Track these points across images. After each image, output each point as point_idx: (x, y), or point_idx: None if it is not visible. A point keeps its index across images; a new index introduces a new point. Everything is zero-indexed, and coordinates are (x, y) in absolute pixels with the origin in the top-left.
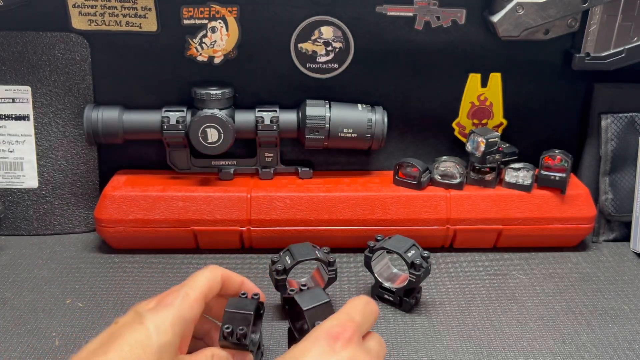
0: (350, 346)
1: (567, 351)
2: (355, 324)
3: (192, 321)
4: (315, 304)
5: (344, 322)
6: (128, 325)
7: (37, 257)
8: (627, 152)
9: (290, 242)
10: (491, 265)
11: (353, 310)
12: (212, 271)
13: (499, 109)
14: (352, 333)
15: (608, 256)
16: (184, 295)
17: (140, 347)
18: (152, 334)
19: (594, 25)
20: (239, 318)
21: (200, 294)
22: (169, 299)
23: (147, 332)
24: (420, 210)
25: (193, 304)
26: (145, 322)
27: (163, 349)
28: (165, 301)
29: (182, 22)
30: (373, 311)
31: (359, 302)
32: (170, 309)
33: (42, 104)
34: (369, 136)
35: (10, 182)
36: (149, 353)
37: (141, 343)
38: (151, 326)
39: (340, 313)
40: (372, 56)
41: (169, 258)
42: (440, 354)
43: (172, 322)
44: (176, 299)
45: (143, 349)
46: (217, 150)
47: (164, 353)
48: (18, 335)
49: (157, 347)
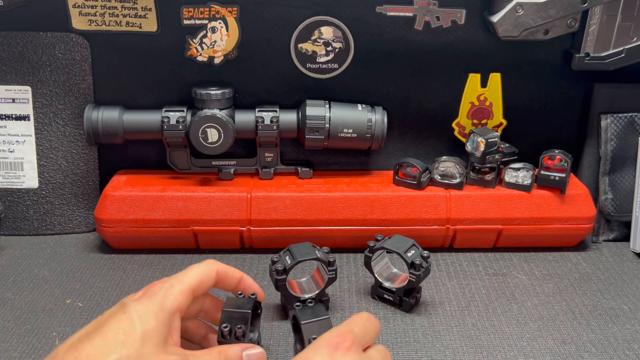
0: (349, 355)
1: (566, 351)
2: (355, 335)
3: (177, 312)
4: (313, 319)
5: (343, 333)
6: (113, 315)
7: (37, 257)
8: (627, 152)
9: (290, 242)
10: (491, 265)
11: (353, 324)
12: (207, 265)
13: (499, 109)
14: (351, 343)
15: (608, 256)
16: (169, 287)
17: (122, 333)
18: (136, 322)
19: (594, 26)
20: (237, 317)
21: (188, 287)
22: (154, 289)
23: (131, 320)
24: (420, 210)
25: (178, 295)
26: (129, 311)
27: (146, 336)
28: (150, 292)
29: (182, 22)
30: (374, 326)
31: (360, 317)
32: (153, 299)
33: (43, 104)
34: (368, 136)
35: (11, 182)
36: (131, 339)
37: (124, 330)
38: (134, 314)
39: (340, 326)
40: (372, 56)
41: (169, 258)
42: (440, 354)
43: (155, 312)
44: (161, 290)
45: (126, 335)
46: (217, 150)
47: (148, 340)
48: (18, 335)
49: (141, 334)
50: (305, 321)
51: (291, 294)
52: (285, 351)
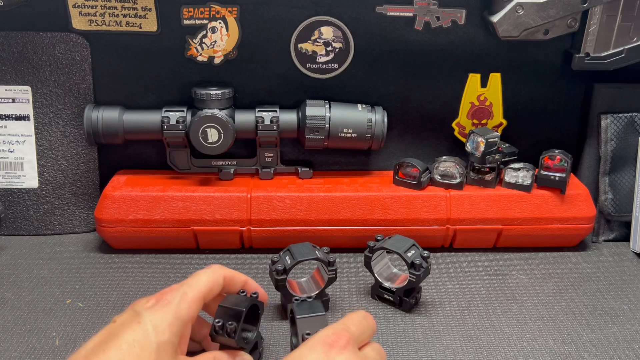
0: (345, 353)
1: (566, 351)
2: (351, 333)
3: (190, 321)
4: (309, 314)
5: (339, 331)
6: (126, 324)
7: (37, 257)
8: (627, 152)
9: (290, 242)
10: (491, 265)
11: (349, 322)
12: (215, 271)
13: (499, 109)
14: (346, 341)
15: (608, 256)
16: (182, 295)
17: (138, 346)
18: (151, 333)
19: (594, 26)
20: (231, 313)
21: (200, 294)
22: (168, 297)
23: (146, 331)
24: (420, 210)
25: (191, 303)
26: (143, 321)
27: (161, 348)
28: (163, 300)
29: (182, 23)
30: (370, 325)
31: (356, 316)
32: (168, 309)
33: (43, 104)
34: (369, 136)
35: (11, 182)
36: (147, 352)
37: (139, 342)
38: (149, 325)
39: (336, 324)
40: (372, 56)
41: (169, 258)
42: (440, 354)
43: (170, 322)
44: (175, 298)
45: (141, 348)
46: (217, 150)
47: (162, 352)
48: (18, 335)
49: (156, 346)
50: (301, 316)
51: (291, 294)
52: (285, 351)
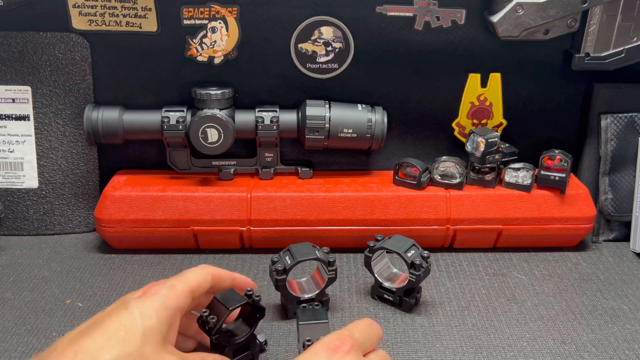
0: (348, 358)
1: (566, 351)
2: (355, 339)
3: (178, 311)
4: (311, 321)
5: (343, 336)
6: (114, 311)
7: (37, 257)
8: (627, 152)
9: (290, 242)
10: (491, 265)
11: (354, 329)
12: (202, 269)
13: (499, 109)
14: (350, 346)
15: (608, 256)
16: (170, 286)
17: (124, 330)
18: (137, 319)
19: (594, 26)
20: (218, 308)
21: (188, 287)
22: (156, 288)
23: (132, 317)
24: (420, 210)
25: (179, 294)
26: (131, 308)
27: (147, 334)
28: (151, 290)
29: (182, 23)
30: (375, 332)
31: (362, 323)
32: (155, 297)
33: (43, 104)
34: (368, 136)
35: (11, 182)
36: (132, 336)
37: (125, 327)
38: (136, 312)
39: (341, 330)
40: (372, 56)
41: (169, 258)
42: (440, 354)
43: (157, 309)
44: (162, 289)
45: (127, 332)
46: (217, 150)
47: (149, 337)
48: (18, 335)
49: (142, 331)
50: (303, 322)
51: (291, 294)
52: (285, 351)
